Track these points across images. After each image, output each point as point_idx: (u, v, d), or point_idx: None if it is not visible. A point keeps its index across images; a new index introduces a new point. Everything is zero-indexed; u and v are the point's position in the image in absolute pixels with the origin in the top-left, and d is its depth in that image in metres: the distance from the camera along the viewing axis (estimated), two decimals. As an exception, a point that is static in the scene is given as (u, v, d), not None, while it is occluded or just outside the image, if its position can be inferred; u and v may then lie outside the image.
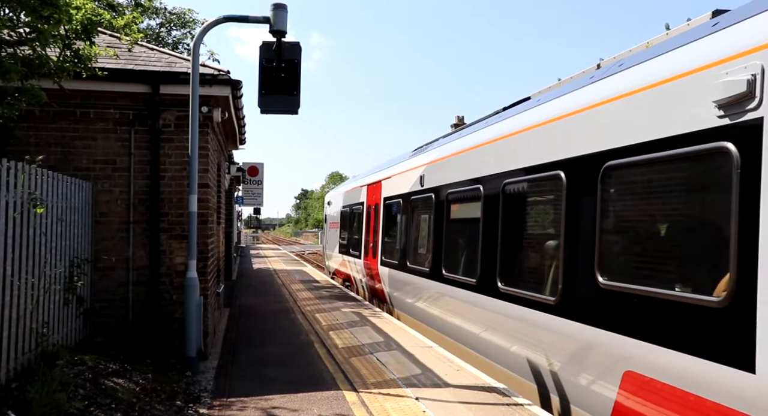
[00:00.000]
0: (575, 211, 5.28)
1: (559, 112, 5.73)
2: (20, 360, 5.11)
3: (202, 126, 7.42)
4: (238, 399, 5.95)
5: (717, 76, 3.80)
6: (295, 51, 6.78)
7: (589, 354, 5.00)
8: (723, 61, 3.82)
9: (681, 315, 3.96)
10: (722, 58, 3.83)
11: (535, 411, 5.70)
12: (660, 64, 4.50)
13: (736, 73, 3.65)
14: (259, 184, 25.75)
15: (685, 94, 4.07)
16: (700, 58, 4.05)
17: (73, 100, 7.07)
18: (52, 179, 5.97)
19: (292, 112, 6.95)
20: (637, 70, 4.80)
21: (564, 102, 5.78)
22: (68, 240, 6.41)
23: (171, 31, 23.39)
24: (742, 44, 3.73)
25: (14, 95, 5.28)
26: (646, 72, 4.62)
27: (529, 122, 6.35)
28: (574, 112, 5.43)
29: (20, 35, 5.52)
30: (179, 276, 7.31)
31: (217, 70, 7.64)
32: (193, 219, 6.86)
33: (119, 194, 7.36)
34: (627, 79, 4.83)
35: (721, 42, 3.97)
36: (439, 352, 8.21)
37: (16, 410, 4.26)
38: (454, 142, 8.98)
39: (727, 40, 3.92)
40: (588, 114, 5.20)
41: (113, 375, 5.74)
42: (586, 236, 5.04)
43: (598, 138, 4.97)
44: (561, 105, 5.80)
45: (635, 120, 4.56)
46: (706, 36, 4.21)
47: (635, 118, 4.57)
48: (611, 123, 4.88)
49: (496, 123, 7.51)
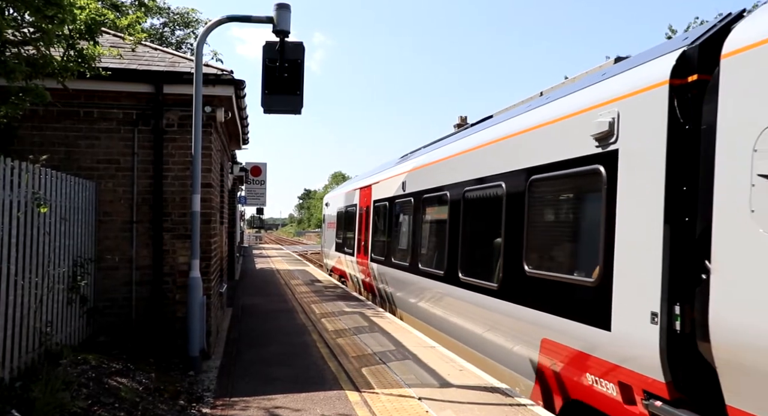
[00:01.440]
0: (512, 214, 6.61)
1: (502, 134, 7.12)
2: (24, 359, 5.12)
3: (206, 126, 7.43)
4: (241, 399, 5.96)
5: (595, 116, 5.14)
6: (298, 51, 6.78)
7: (520, 327, 6.31)
8: (599, 105, 5.16)
9: (573, 293, 5.34)
10: (598, 103, 5.18)
11: (538, 411, 5.70)
12: (564, 103, 5.87)
13: (604, 116, 5.00)
14: (262, 184, 25.76)
15: (578, 128, 5.41)
16: (587, 102, 5.40)
17: (77, 99, 7.09)
18: (55, 179, 5.99)
19: (296, 112, 6.95)
20: (550, 106, 6.15)
21: (506, 126, 7.14)
22: (72, 240, 6.43)
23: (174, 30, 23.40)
24: (609, 94, 5.08)
25: (18, 95, 5.29)
26: (556, 108, 5.97)
27: (481, 141, 7.75)
28: (511, 135, 6.84)
29: (24, 35, 5.53)
30: (182, 275, 7.32)
31: (220, 70, 7.65)
32: (196, 219, 6.86)
33: (122, 194, 7.37)
34: (543, 113, 6.21)
35: (600, 90, 5.31)
36: (441, 352, 8.21)
37: (20, 409, 4.27)
38: (428, 153, 10.33)
39: (604, 89, 5.25)
40: (519, 138, 6.62)
41: (116, 375, 5.75)
42: (518, 234, 6.39)
43: (526, 157, 6.35)
44: (503, 128, 7.18)
45: (549, 144, 5.92)
46: (594, 84, 5.54)
47: (549, 143, 5.93)
48: (534, 146, 6.25)
49: (458, 139, 8.94)
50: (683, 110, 4.33)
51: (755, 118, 3.74)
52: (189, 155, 7.27)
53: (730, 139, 3.90)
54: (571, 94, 5.83)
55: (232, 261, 17.40)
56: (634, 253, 4.61)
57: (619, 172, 4.81)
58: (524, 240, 6.22)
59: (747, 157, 3.75)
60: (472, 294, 7.45)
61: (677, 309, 4.20)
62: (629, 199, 4.71)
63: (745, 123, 3.81)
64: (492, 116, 8.64)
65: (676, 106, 4.36)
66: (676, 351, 4.23)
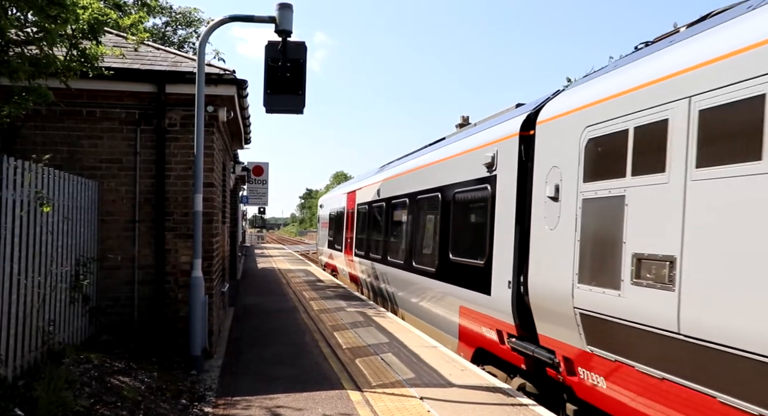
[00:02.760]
0: (444, 217, 8.96)
1: (439, 157, 9.77)
2: (27, 358, 5.14)
3: (208, 125, 7.44)
4: (243, 398, 5.97)
5: (487, 151, 7.50)
6: (301, 50, 6.78)
7: (448, 299, 8.77)
8: (487, 144, 7.61)
9: (473, 272, 7.65)
10: (487, 143, 7.62)
11: (539, 411, 5.70)
12: (471, 140, 8.35)
13: (489, 152, 7.42)
14: (264, 184, 25.79)
15: (478, 158, 7.73)
16: (481, 141, 7.87)
17: (80, 99, 7.10)
18: (58, 178, 6.00)
19: (298, 112, 6.94)
20: (466, 140, 8.66)
21: (443, 150, 9.72)
22: (74, 239, 6.44)
23: (176, 30, 23.41)
24: (492, 137, 7.51)
25: (21, 94, 5.30)
26: (467, 142, 8.48)
27: (428, 161, 10.37)
28: (444, 159, 9.48)
29: (28, 35, 5.54)
30: (184, 275, 7.33)
31: (222, 70, 7.66)
32: (199, 219, 6.87)
33: (125, 193, 7.38)
34: (462, 144, 8.72)
35: (488, 133, 7.76)
36: (443, 352, 8.21)
37: (23, 407, 4.28)
38: (396, 167, 13.06)
39: (490, 133, 7.69)
40: (449, 161, 9.18)
41: (119, 374, 5.76)
42: (446, 231, 8.85)
43: (452, 175, 8.80)
44: (441, 152, 9.80)
45: (464, 167, 8.30)
46: (486, 129, 8.04)
47: (464, 166, 8.31)
48: (456, 167, 8.66)
49: (417, 157, 11.69)
50: (525, 152, 6.62)
51: (548, 161, 6.06)
52: (191, 155, 7.28)
53: (538, 172, 6.24)
54: (476, 134, 8.38)
55: (234, 260, 17.39)
56: (502, 244, 6.93)
57: (497, 190, 7.15)
58: (450, 235, 8.73)
59: (543, 184, 6.10)
60: (421, 277, 10.02)
61: (521, 278, 6.47)
62: (500, 209, 7.04)
63: (544, 163, 6.14)
64: (444, 138, 10.86)
65: (521, 149, 6.66)
66: (519, 305, 6.54)
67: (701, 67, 4.16)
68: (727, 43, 4.02)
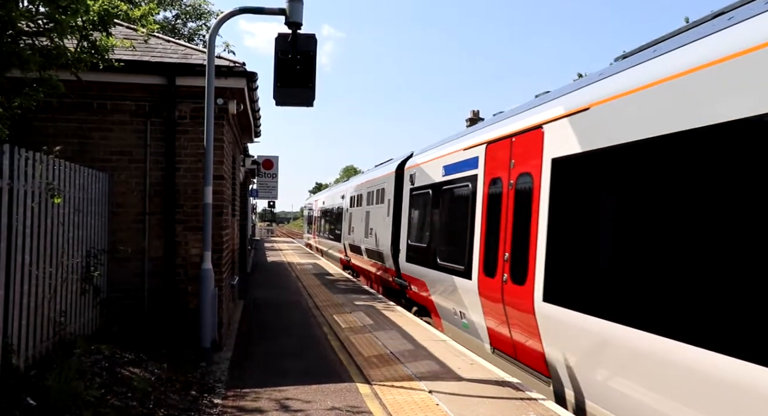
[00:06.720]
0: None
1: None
2: (38, 348, 5.17)
3: (218, 118, 7.43)
4: (252, 390, 5.99)
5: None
6: (311, 43, 6.73)
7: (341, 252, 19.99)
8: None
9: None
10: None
11: (549, 405, 5.67)
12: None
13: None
14: (273, 178, 25.78)
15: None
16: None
17: (90, 91, 7.12)
18: (69, 170, 6.02)
19: (308, 105, 6.91)
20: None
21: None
22: (85, 231, 6.47)
23: (186, 22, 23.42)
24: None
25: (32, 86, 5.31)
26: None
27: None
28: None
29: (38, 26, 5.54)
30: (194, 267, 7.35)
31: (232, 62, 7.63)
32: (208, 211, 6.87)
33: (135, 185, 7.40)
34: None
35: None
36: (452, 346, 8.20)
37: (35, 397, 4.31)
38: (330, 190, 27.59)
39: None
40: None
41: (129, 365, 5.80)
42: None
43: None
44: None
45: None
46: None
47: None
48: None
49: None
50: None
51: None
52: (201, 147, 7.27)
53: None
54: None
55: (244, 253, 17.42)
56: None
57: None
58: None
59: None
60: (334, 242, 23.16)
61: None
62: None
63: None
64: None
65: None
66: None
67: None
68: None
